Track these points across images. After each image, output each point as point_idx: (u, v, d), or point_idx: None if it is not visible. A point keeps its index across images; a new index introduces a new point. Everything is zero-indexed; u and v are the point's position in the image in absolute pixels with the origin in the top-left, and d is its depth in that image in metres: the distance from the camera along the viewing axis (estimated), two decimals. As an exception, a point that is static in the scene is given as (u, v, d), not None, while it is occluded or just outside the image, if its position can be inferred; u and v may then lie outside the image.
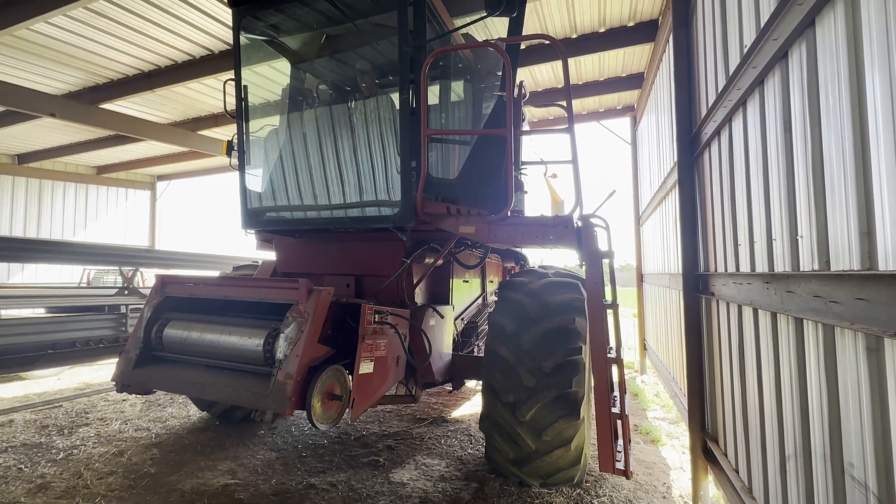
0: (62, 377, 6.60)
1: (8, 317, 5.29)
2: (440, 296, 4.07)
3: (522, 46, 5.97)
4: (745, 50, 2.32)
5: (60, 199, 12.74)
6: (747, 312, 2.46)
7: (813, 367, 1.75)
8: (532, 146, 5.24)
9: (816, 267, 1.67)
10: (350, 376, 2.72)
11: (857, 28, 1.44)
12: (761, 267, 2.23)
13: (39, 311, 6.04)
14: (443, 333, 3.76)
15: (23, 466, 3.52)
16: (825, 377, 1.65)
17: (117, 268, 6.97)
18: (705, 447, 3.31)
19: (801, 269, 1.80)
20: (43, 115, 7.02)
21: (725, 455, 2.95)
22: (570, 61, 6.38)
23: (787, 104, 1.93)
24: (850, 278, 1.42)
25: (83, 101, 7.45)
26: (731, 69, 2.58)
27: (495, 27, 3.86)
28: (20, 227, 11.97)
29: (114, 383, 2.96)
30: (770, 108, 2.11)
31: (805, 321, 1.80)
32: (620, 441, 2.98)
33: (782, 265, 1.98)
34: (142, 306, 3.22)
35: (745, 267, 2.47)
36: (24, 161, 11.70)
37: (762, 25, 2.09)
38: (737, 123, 2.58)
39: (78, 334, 5.31)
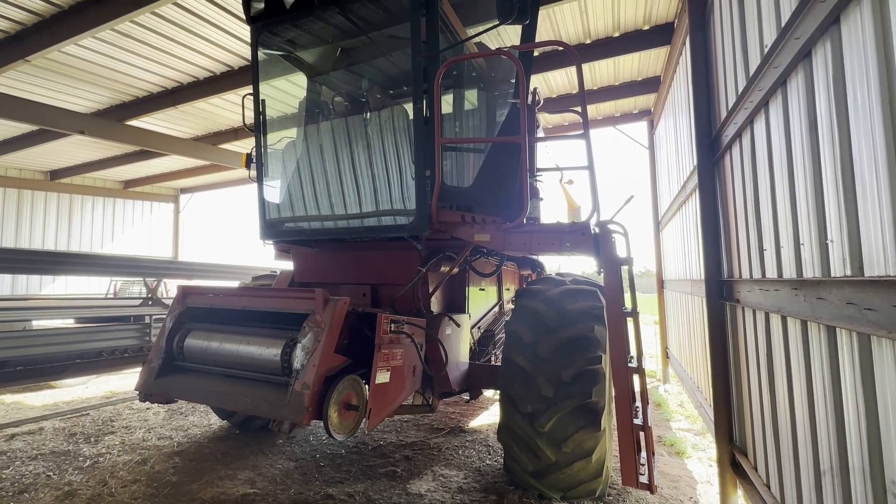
0: (89, 386, 6.79)
1: (40, 327, 5.48)
2: (456, 304, 4.05)
3: (536, 53, 5.97)
4: (766, 50, 2.26)
5: (89, 213, 13.22)
6: (775, 320, 2.37)
7: (848, 378, 1.66)
8: (547, 152, 5.20)
9: (849, 273, 1.60)
10: (367, 386, 2.71)
11: (885, 23, 1.38)
12: (789, 273, 2.15)
13: (69, 322, 6.24)
14: (459, 342, 3.73)
15: (51, 474, 3.62)
16: (861, 388, 1.57)
17: (142, 279, 7.16)
18: (734, 460, 3.19)
19: (833, 274, 1.72)
20: (73, 132, 7.31)
21: (755, 469, 2.83)
22: (585, 66, 6.34)
23: (811, 104, 1.87)
24: (887, 284, 1.35)
25: (110, 119, 7.74)
26: (752, 70, 2.52)
27: (508, 35, 3.86)
28: (52, 240, 12.44)
29: (138, 392, 3.02)
30: (794, 109, 2.05)
31: (838, 329, 1.72)
32: (644, 453, 2.89)
33: (811, 271, 1.90)
34: (165, 316, 3.28)
35: (771, 273, 2.38)
36: (55, 177, 12.19)
37: (783, 25, 2.03)
38: (759, 125, 2.51)
39: (104, 344, 5.45)
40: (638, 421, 2.81)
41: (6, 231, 11.66)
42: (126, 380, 7.12)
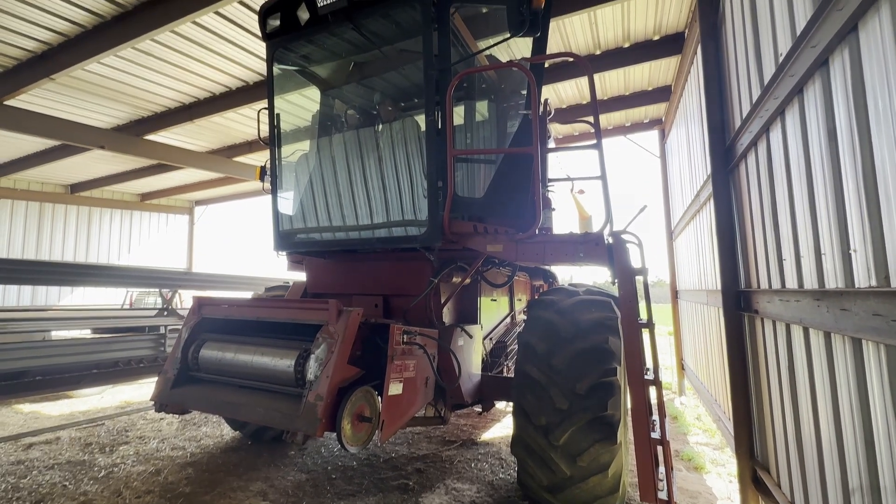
0: (105, 395, 6.86)
1: (58, 338, 5.58)
2: (468, 315, 4.03)
3: (546, 65, 6.00)
4: (781, 59, 2.25)
5: (107, 226, 13.52)
6: (797, 331, 2.32)
7: (876, 392, 1.61)
8: (558, 163, 5.20)
9: (874, 283, 1.56)
10: (379, 398, 2.70)
11: (905, 31, 1.37)
12: (810, 283, 2.10)
13: (86, 332, 6.35)
14: (472, 353, 3.70)
15: (67, 484, 3.65)
16: (891, 403, 1.52)
17: (157, 290, 7.27)
18: (755, 476, 3.09)
19: (857, 285, 1.68)
20: (93, 147, 7.53)
21: (779, 486, 2.74)
22: (595, 77, 6.36)
23: (830, 112, 1.85)
24: (915, 295, 1.31)
25: (129, 133, 7.95)
26: (766, 78, 2.50)
27: (518, 47, 3.90)
28: (71, 252, 12.74)
29: (153, 402, 3.05)
30: (811, 117, 2.02)
31: (864, 341, 1.67)
32: (662, 468, 2.82)
33: (834, 281, 1.86)
34: (180, 327, 3.32)
35: (791, 283, 2.34)
36: (75, 190, 12.53)
37: (798, 33, 2.02)
38: (775, 134, 2.48)
39: (120, 354, 5.53)
40: (655, 434, 2.75)
41: (28, 243, 11.97)
42: (140, 390, 7.20)
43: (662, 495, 2.63)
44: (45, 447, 4.49)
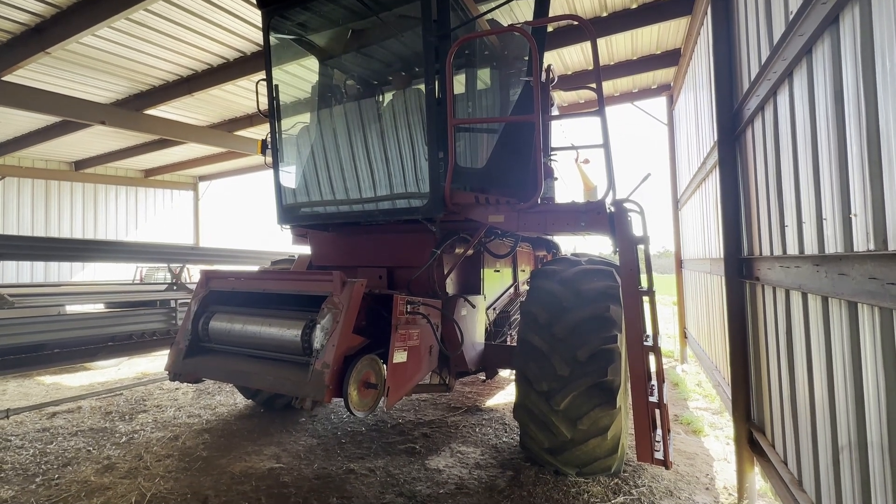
0: (121, 367, 7.10)
1: (73, 312, 5.73)
2: (471, 286, 4.08)
3: (550, 29, 5.81)
4: (791, 16, 2.16)
5: (113, 202, 13.61)
6: (795, 297, 2.33)
7: (868, 354, 1.64)
8: (563, 131, 5.11)
9: (872, 247, 1.56)
10: (384, 365, 2.78)
11: (918, -16, 1.32)
12: (811, 249, 2.10)
13: (99, 307, 6.51)
14: (475, 323, 3.77)
15: (91, 449, 3.84)
16: (882, 364, 1.55)
17: (166, 265, 7.38)
18: (751, 438, 3.19)
19: (856, 249, 1.68)
20: (94, 122, 7.48)
21: (773, 446, 2.82)
22: (601, 41, 6.15)
23: (838, 72, 1.80)
24: (911, 258, 1.31)
25: (129, 108, 7.88)
26: (776, 38, 2.42)
27: (521, 10, 3.77)
28: (79, 229, 12.88)
29: (167, 373, 3.16)
30: (819, 78, 1.97)
31: (860, 305, 1.68)
32: (659, 431, 2.91)
33: (834, 246, 1.86)
34: (189, 300, 3.40)
35: (792, 249, 2.33)
36: (80, 167, 12.54)
37: (810, -11, 1.94)
38: (782, 97, 2.42)
39: (133, 327, 5.68)
40: (653, 399, 2.83)
41: (36, 220, 12.12)
42: (155, 362, 7.43)
43: (659, 456, 2.72)
44: (68, 416, 4.70)
